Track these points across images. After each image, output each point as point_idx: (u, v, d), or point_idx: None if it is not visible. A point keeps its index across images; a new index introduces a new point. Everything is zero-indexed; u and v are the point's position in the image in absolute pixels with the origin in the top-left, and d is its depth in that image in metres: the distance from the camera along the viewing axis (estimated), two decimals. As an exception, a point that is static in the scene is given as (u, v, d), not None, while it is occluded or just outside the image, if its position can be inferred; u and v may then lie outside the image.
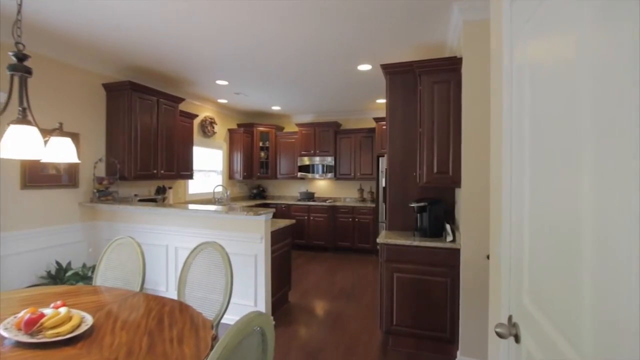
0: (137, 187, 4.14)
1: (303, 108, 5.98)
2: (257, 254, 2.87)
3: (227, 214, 2.77)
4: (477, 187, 2.26)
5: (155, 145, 3.96)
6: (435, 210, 2.62)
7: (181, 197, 4.89)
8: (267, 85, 4.49)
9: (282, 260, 3.29)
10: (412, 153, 2.90)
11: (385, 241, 2.53)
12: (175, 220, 3.19)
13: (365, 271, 4.77)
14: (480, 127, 2.25)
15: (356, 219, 5.64)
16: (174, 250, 3.21)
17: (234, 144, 6.11)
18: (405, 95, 2.94)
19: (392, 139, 2.97)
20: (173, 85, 4.53)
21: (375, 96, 5.07)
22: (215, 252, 1.87)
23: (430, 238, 2.57)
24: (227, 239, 2.95)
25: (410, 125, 2.91)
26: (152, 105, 3.92)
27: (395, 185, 2.95)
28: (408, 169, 2.92)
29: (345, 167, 6.00)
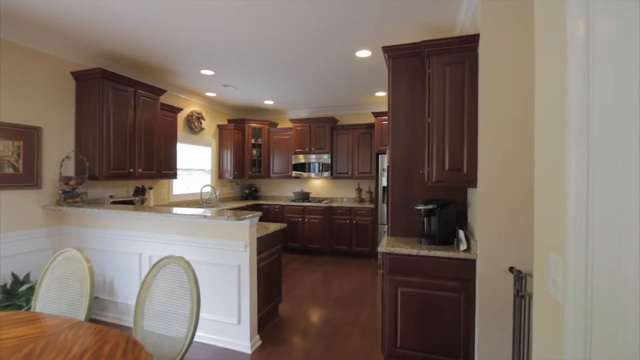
0: (114, 187, 3.76)
1: (297, 102, 5.61)
2: (240, 265, 2.50)
3: (205, 218, 2.40)
4: (498, 187, 1.91)
5: (132, 142, 3.58)
6: (445, 213, 2.27)
7: (164, 198, 4.51)
8: (257, 75, 4.11)
9: (271, 269, 2.93)
10: (419, 148, 2.54)
11: (388, 250, 2.17)
12: (148, 225, 2.81)
13: (364, 277, 4.42)
14: (503, 115, 1.90)
15: (354, 221, 5.29)
16: (147, 259, 2.84)
17: (223, 141, 5.73)
18: (410, 82, 2.58)
19: (395, 133, 2.61)
20: (154, 75, 4.15)
21: (375, 89, 4.71)
22: (179, 269, 1.50)
23: (440, 246, 2.22)
24: (206, 247, 2.59)
25: (416, 116, 2.56)
26: (129, 97, 3.54)
27: (399, 184, 2.59)
28: (413, 166, 2.56)
29: (342, 165, 5.64)
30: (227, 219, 2.31)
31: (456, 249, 2.14)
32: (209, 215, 2.40)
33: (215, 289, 2.58)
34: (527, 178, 1.85)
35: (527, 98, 1.85)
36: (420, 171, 2.52)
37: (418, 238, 2.37)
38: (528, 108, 1.85)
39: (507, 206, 1.90)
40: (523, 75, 1.86)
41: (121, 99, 3.45)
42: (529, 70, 1.84)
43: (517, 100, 1.88)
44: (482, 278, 1.95)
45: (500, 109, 1.91)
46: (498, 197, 1.91)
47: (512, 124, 1.88)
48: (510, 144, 1.89)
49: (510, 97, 1.89)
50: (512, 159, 1.88)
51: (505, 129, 1.90)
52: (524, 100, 1.86)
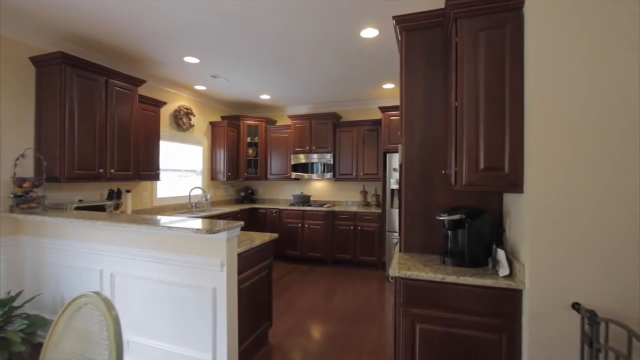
0: (84, 190, 3.30)
1: (296, 97, 5.12)
2: (216, 287, 2.01)
3: (169, 229, 1.91)
4: (559, 194, 1.39)
5: (102, 138, 3.11)
6: (477, 226, 1.75)
7: (146, 202, 4.05)
8: (248, 63, 3.63)
9: (257, 290, 2.43)
10: (439, 143, 2.03)
11: (403, 274, 1.66)
12: (108, 236, 2.34)
13: (370, 291, 3.90)
14: (568, 97, 1.38)
15: (358, 227, 4.77)
16: (109, 277, 2.36)
17: (216, 139, 5.26)
18: (428, 62, 2.07)
19: (409, 125, 2.10)
20: (134, 65, 3.69)
21: (382, 79, 4.20)
22: (96, 313, 1.01)
23: (471, 269, 1.70)
24: (175, 264, 2.10)
25: (436, 103, 2.04)
26: (99, 87, 3.08)
27: (414, 188, 2.08)
28: (432, 165, 2.05)
29: (346, 165, 5.13)
30: (197, 231, 1.82)
31: (493, 273, 1.62)
32: (174, 226, 1.91)
33: (185, 316, 2.08)
34: (606, 183, 1.33)
35: (607, 74, 1.33)
36: (442, 171, 2.00)
37: (440, 257, 1.85)
38: (608, 89, 1.33)
39: (572, 220, 1.37)
40: (600, 39, 1.35)
41: (89, 89, 2.99)
42: (609, 32, 1.32)
43: (589, 75, 1.36)
44: (534, 316, 1.43)
45: (563, 87, 1.39)
46: (559, 208, 1.39)
47: (583, 109, 1.36)
48: (579, 137, 1.37)
49: (579, 70, 1.37)
50: (582, 157, 1.36)
51: (571, 116, 1.38)
52: (602, 76, 1.34)
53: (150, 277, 2.20)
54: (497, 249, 1.65)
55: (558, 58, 1.40)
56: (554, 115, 1.40)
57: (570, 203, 1.37)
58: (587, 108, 1.36)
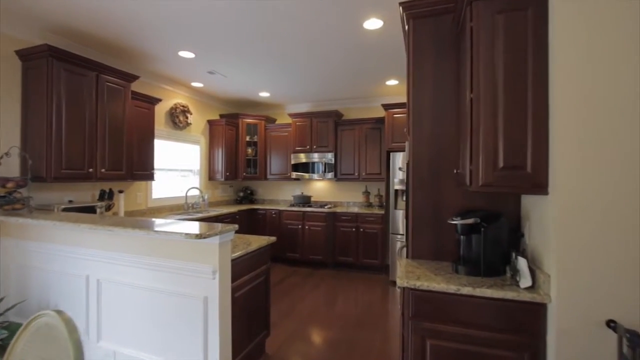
0: (74, 191, 3.15)
1: (297, 94, 4.96)
2: (208, 296, 1.85)
3: (157, 233, 1.75)
4: (593, 197, 1.23)
5: (92, 136, 2.96)
6: (493, 231, 1.58)
7: (141, 203, 3.90)
8: (246, 58, 3.48)
9: (253, 297, 2.27)
10: (450, 139, 1.87)
11: (412, 284, 1.50)
12: (94, 240, 2.19)
13: (373, 296, 3.74)
14: (603, 85, 1.22)
15: (361, 229, 4.61)
16: (95, 283, 2.21)
17: (214, 138, 5.11)
18: (438, 51, 1.91)
19: (416, 120, 1.94)
20: (127, 60, 3.54)
21: (385, 75, 4.04)
22: (56, 335, 0.85)
23: (487, 279, 1.54)
24: (164, 271, 1.95)
25: (447, 97, 1.88)
26: (89, 82, 2.93)
27: (422, 188, 1.92)
28: (443, 163, 1.88)
29: (347, 165, 4.97)
30: (186, 235, 1.66)
31: (512, 284, 1.46)
32: (161, 230, 1.75)
33: (175, 326, 1.93)
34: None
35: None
36: (454, 170, 1.84)
37: (452, 264, 1.69)
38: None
39: (607, 225, 1.21)
40: (636, 26, 1.18)
41: (78, 85, 2.84)
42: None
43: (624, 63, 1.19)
44: (562, 333, 1.26)
45: (595, 76, 1.23)
46: (591, 211, 1.23)
47: (617, 100, 1.20)
48: (615, 132, 1.21)
49: (612, 57, 1.21)
50: (618, 155, 1.20)
51: (604, 109, 1.22)
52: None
53: (138, 284, 2.05)
54: (517, 257, 1.48)
55: (589, 44, 1.24)
56: (585, 108, 1.24)
57: (604, 206, 1.21)
58: (623, 99, 1.20)
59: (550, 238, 1.32)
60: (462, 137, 1.70)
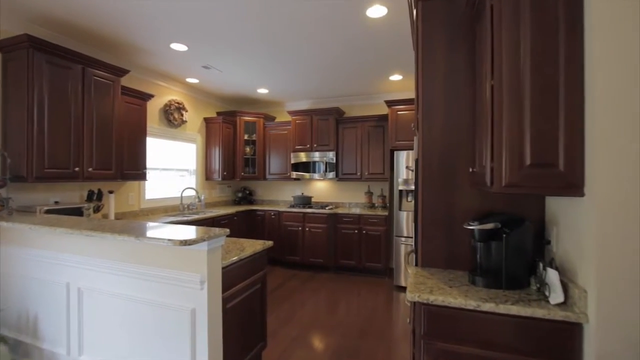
0: (61, 191, 2.98)
1: (296, 91, 4.78)
2: (195, 308, 1.67)
3: (138, 238, 1.57)
4: None
5: (78, 133, 2.79)
6: (517, 238, 1.39)
7: (133, 204, 3.73)
8: (241, 52, 3.29)
9: (248, 307, 2.09)
10: (465, 134, 1.68)
11: (425, 299, 1.31)
12: (76, 245, 2.01)
13: (377, 302, 3.55)
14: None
15: (363, 231, 4.42)
16: (76, 292, 2.03)
17: (211, 136, 4.94)
18: (450, 37, 1.72)
19: (427, 114, 1.75)
20: (116, 53, 3.37)
21: (389, 70, 3.85)
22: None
23: (510, 292, 1.35)
24: (149, 280, 1.77)
25: (461, 87, 1.70)
26: (74, 76, 2.76)
27: (433, 189, 1.73)
28: (456, 161, 1.70)
29: (349, 164, 4.78)
30: (169, 241, 1.48)
31: (540, 299, 1.27)
32: (143, 236, 1.57)
33: (160, 341, 1.75)
34: None
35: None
36: (469, 169, 1.65)
37: (468, 275, 1.50)
38: None
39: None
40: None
41: (63, 78, 2.67)
42: None
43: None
44: (603, 357, 1.08)
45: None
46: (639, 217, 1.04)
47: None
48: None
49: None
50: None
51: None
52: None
53: (122, 293, 1.88)
54: (545, 269, 1.29)
55: (635, 19, 1.05)
56: (633, 94, 1.05)
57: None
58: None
59: (588, 247, 1.13)
60: (479, 131, 1.52)
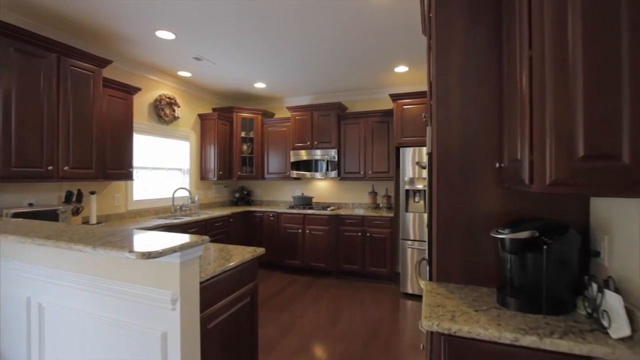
0: (36, 192, 2.74)
1: (295, 85, 4.51)
2: (167, 332, 1.40)
3: (94, 248, 1.31)
4: None
5: (52, 129, 2.54)
6: (560, 249, 1.11)
7: (120, 205, 3.48)
8: (234, 42, 3.03)
9: (234, 326, 1.82)
10: (489, 122, 1.40)
11: (444, 328, 1.03)
12: (36, 254, 1.75)
13: (382, 310, 3.26)
14: None
15: (367, 233, 4.14)
16: (37, 308, 1.78)
17: (206, 133, 4.68)
18: (469, 9, 1.44)
19: (442, 100, 1.47)
20: (98, 43, 3.12)
21: (394, 60, 3.56)
22: None
23: (553, 318, 1.07)
24: (116, 297, 1.51)
25: (484, 67, 1.41)
26: (48, 65, 2.51)
27: (450, 189, 1.45)
28: (478, 155, 1.41)
29: (352, 162, 4.50)
30: (129, 253, 1.21)
31: (594, 329, 0.99)
32: (103, 246, 1.30)
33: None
34: None
35: None
36: (495, 164, 1.36)
37: (497, 294, 1.22)
38: None
39: None
40: None
41: (34, 68, 2.42)
42: None
43: None
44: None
45: None
46: None
47: None
48: None
49: None
50: None
51: None
52: None
53: (87, 311, 1.61)
54: (602, 290, 1.00)
55: None
56: None
57: None
58: None
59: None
60: (509, 117, 1.23)
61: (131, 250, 1.23)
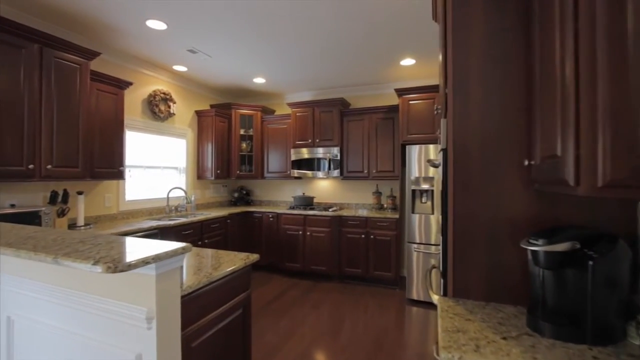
0: (19, 192, 2.58)
1: (296, 81, 4.32)
2: (142, 354, 1.22)
3: (55, 259, 1.13)
4: None
5: (34, 124, 2.37)
6: (608, 265, 0.91)
7: (111, 206, 3.31)
8: (232, 34, 2.84)
9: (223, 342, 1.63)
10: (516, 111, 1.20)
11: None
12: (5, 261, 1.58)
13: (387, 318, 3.07)
14: None
15: (371, 236, 3.94)
16: (5, 322, 1.61)
17: (203, 131, 4.51)
18: (491, -23, 1.24)
19: (461, 85, 1.27)
20: (88, 34, 2.95)
21: (400, 53, 3.36)
22: None
23: (600, 349, 0.87)
24: (89, 312, 1.33)
25: (509, 43, 1.21)
26: (29, 57, 2.34)
27: (469, 190, 1.25)
28: (502, 151, 1.21)
29: (355, 161, 4.31)
30: (94, 263, 1.03)
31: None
32: (68, 255, 1.12)
33: (100, 396, 1.31)
34: None
35: None
36: (525, 161, 1.16)
37: (527, 317, 1.02)
38: None
39: None
40: None
41: (13, 59, 2.25)
42: None
43: None
44: None
45: None
46: None
47: None
48: None
49: None
50: None
51: None
52: None
53: (60, 327, 1.44)
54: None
55: None
56: None
57: None
58: None
59: None
60: (542, 104, 1.03)
61: (96, 262, 1.05)
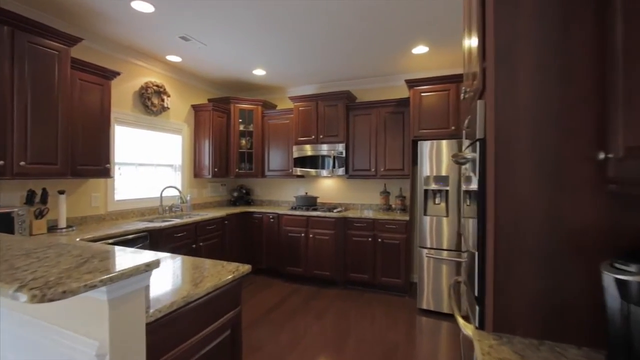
0: None
1: (299, 73, 4.04)
2: (94, 400, 0.96)
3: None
4: None
5: (5, 117, 2.13)
6: None
7: (98, 206, 3.07)
8: (226, 18, 2.57)
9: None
10: (582, 88, 0.90)
11: None
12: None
13: (397, 330, 2.79)
14: None
15: (379, 239, 3.66)
16: (-52, 346, 1.36)
17: (200, 126, 4.25)
18: None
19: (505, 57, 0.98)
20: (71, 19, 2.70)
21: (412, 39, 3.06)
22: None
23: None
24: (44, 340, 1.07)
25: (576, 15, 0.91)
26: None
27: (517, 191, 0.96)
28: (565, 141, 0.92)
29: (362, 158, 4.02)
30: (17, 289, 0.77)
31: None
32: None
33: None
34: None
35: None
36: (598, 154, 0.87)
37: (582, 347, 0.73)
38: None
39: None
40: None
41: (-20, 41, 2.01)
42: None
43: None
44: None
45: None
46: None
47: None
48: None
49: None
50: None
51: None
52: None
53: (11, 357, 1.19)
54: None
55: None
56: None
57: None
58: None
59: None
60: (626, 76, 0.74)
61: (21, 287, 0.79)
